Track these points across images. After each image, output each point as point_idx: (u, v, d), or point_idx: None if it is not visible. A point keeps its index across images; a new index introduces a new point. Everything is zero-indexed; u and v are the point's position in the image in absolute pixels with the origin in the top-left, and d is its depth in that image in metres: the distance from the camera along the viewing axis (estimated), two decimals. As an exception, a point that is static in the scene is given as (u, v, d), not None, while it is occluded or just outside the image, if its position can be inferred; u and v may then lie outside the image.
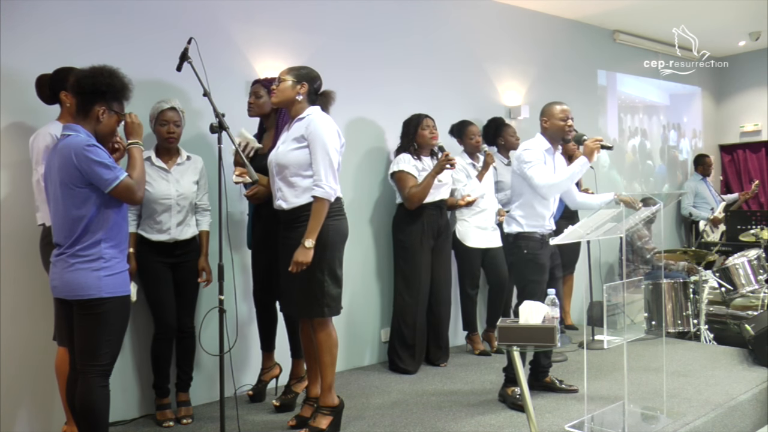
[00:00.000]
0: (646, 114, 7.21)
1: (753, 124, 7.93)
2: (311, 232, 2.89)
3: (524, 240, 3.48)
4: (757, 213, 6.55)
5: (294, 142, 2.98)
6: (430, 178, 4.11)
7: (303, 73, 3.07)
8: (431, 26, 4.99)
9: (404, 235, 4.26)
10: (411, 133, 4.25)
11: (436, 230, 4.28)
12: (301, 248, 2.88)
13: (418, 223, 4.21)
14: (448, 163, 4.03)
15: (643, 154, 7.16)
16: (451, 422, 3.29)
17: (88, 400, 2.46)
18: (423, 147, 4.25)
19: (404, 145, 4.28)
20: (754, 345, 4.23)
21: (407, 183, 4.16)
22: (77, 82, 2.49)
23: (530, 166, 3.41)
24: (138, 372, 3.52)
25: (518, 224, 3.51)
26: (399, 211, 4.34)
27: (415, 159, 4.22)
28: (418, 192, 4.12)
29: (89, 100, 2.48)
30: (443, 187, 4.28)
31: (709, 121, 8.12)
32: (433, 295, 4.35)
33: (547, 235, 3.51)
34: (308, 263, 2.89)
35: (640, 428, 3.15)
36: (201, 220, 3.47)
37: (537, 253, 3.46)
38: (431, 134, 4.23)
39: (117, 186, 2.43)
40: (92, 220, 2.43)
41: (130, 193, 2.47)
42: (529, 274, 3.47)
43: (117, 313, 2.49)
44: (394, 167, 4.24)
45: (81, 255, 2.43)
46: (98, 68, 2.50)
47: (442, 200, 4.31)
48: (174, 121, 3.32)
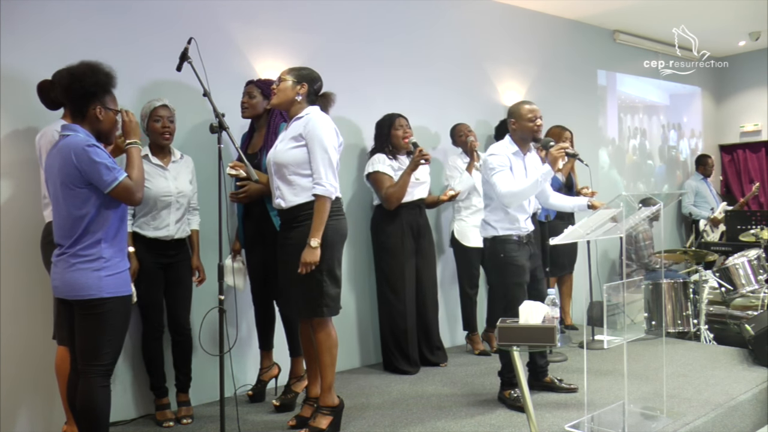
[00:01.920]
0: (646, 114, 7.21)
1: (753, 124, 7.94)
2: (316, 231, 2.89)
3: (500, 243, 3.46)
4: (757, 213, 6.55)
5: (292, 141, 2.98)
6: (406, 176, 4.05)
7: (304, 73, 3.08)
8: (431, 26, 4.99)
9: (385, 237, 4.20)
10: (384, 133, 4.21)
11: (416, 230, 4.24)
12: (307, 248, 2.88)
13: (398, 224, 4.16)
14: (422, 158, 3.96)
15: (643, 154, 7.16)
16: (451, 422, 3.29)
17: (89, 400, 2.46)
18: (397, 147, 4.20)
19: (378, 146, 4.23)
20: (754, 345, 4.23)
21: (384, 183, 4.11)
22: (66, 90, 2.49)
23: (494, 173, 3.37)
24: (138, 372, 3.52)
25: (493, 228, 3.48)
26: (377, 213, 4.28)
27: (390, 159, 4.18)
28: (395, 191, 4.07)
29: (83, 104, 2.48)
30: (421, 186, 4.24)
31: (709, 121, 8.12)
32: (420, 297, 4.29)
33: (524, 236, 3.49)
34: (317, 262, 2.88)
35: (640, 428, 3.15)
36: (191, 219, 3.49)
37: (514, 255, 3.43)
38: (404, 134, 4.17)
39: (116, 187, 2.43)
40: (92, 220, 2.43)
41: (129, 194, 2.47)
42: (509, 277, 3.44)
43: (118, 313, 2.49)
44: (369, 168, 4.18)
45: (81, 255, 2.43)
46: (79, 69, 2.48)
47: (421, 199, 4.27)
48: (167, 117, 3.33)
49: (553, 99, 5.72)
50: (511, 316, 2.99)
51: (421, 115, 4.80)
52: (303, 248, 2.89)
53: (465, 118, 4.90)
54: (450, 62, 5.10)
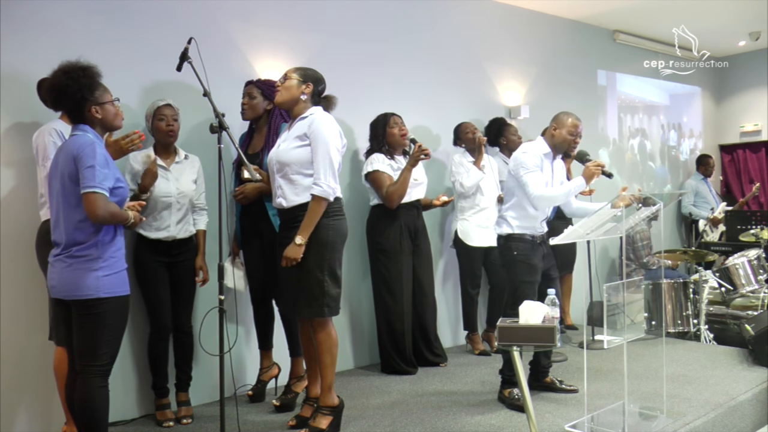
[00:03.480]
0: (646, 114, 7.21)
1: (753, 124, 7.93)
2: (304, 229, 2.90)
3: (515, 241, 3.47)
4: (757, 213, 6.55)
5: (296, 140, 2.99)
6: (406, 173, 4.03)
7: (309, 73, 3.09)
8: (431, 26, 4.99)
9: (382, 238, 4.16)
10: (380, 133, 4.18)
11: (413, 231, 4.22)
12: (292, 245, 2.90)
13: (396, 225, 4.13)
14: (422, 153, 3.95)
15: (643, 154, 7.16)
16: (451, 422, 3.29)
17: (87, 400, 2.46)
18: (394, 146, 4.18)
19: (375, 146, 4.20)
20: (754, 345, 4.23)
21: (384, 182, 4.07)
22: (56, 103, 2.51)
23: (527, 171, 3.38)
24: (138, 372, 3.52)
25: (509, 225, 3.49)
26: (374, 213, 4.25)
27: (388, 158, 4.15)
28: (396, 189, 4.04)
29: (78, 109, 2.49)
30: (418, 186, 4.23)
31: (709, 121, 8.12)
32: (418, 298, 4.28)
33: (538, 236, 3.50)
34: (297, 259, 2.90)
35: (640, 428, 3.15)
36: (198, 219, 3.48)
37: (527, 254, 3.45)
38: (401, 131, 4.15)
39: (88, 193, 2.37)
40: (88, 219, 2.41)
41: (94, 208, 2.37)
42: (520, 276, 3.45)
43: (116, 313, 2.49)
44: (368, 168, 4.14)
45: (79, 255, 2.43)
46: (59, 80, 2.46)
47: (418, 200, 4.26)
48: (171, 116, 3.33)
49: (553, 99, 5.72)
50: (517, 314, 2.98)
51: (420, 115, 4.81)
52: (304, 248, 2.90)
53: (465, 118, 4.90)
54: (450, 62, 5.10)
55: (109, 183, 2.42)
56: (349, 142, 4.37)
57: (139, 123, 3.44)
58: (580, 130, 3.48)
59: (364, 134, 4.36)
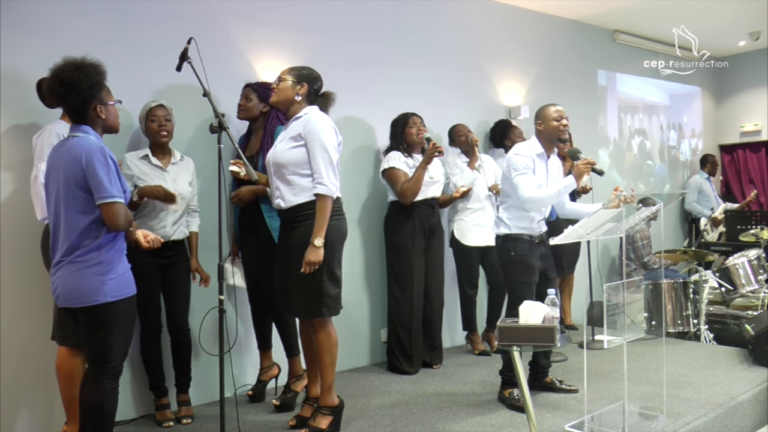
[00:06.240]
0: (646, 114, 7.21)
1: (753, 124, 7.94)
2: (319, 230, 2.88)
3: (512, 242, 3.47)
4: (757, 213, 6.55)
5: (291, 141, 2.98)
6: (421, 170, 4.10)
7: (304, 73, 3.07)
8: (431, 26, 4.99)
9: (396, 236, 4.23)
10: (399, 132, 4.27)
11: (427, 229, 4.26)
12: (311, 248, 2.87)
13: (410, 223, 4.19)
14: (436, 151, 4.00)
15: (643, 154, 7.16)
16: (451, 422, 3.29)
17: (98, 402, 2.44)
18: (412, 145, 4.26)
19: (393, 144, 4.29)
20: (754, 345, 4.23)
21: (399, 179, 4.15)
22: (62, 100, 2.45)
23: (517, 174, 3.37)
24: (138, 372, 3.51)
25: (506, 226, 3.49)
26: (391, 210, 4.32)
27: (405, 156, 4.23)
28: (410, 185, 4.11)
29: (83, 107, 2.45)
30: (434, 185, 4.27)
31: (709, 121, 8.12)
32: (425, 297, 4.32)
33: (536, 236, 3.50)
34: (320, 262, 2.88)
35: (640, 428, 3.15)
36: (191, 221, 3.48)
37: (525, 255, 3.44)
38: (419, 131, 4.22)
39: (109, 203, 2.37)
40: (92, 224, 2.40)
41: (115, 218, 2.38)
42: (517, 276, 3.45)
43: (125, 315, 2.47)
44: (385, 164, 4.23)
45: (81, 260, 2.39)
46: (69, 75, 2.42)
47: (434, 198, 4.29)
48: (163, 116, 3.33)
49: (553, 99, 5.59)
50: (516, 314, 2.98)
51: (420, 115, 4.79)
52: (303, 248, 2.88)
53: (465, 118, 4.90)
54: (450, 62, 5.10)
55: (120, 186, 2.43)
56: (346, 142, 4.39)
57: (137, 124, 3.45)
58: (563, 113, 3.46)
59: (364, 134, 4.36)
